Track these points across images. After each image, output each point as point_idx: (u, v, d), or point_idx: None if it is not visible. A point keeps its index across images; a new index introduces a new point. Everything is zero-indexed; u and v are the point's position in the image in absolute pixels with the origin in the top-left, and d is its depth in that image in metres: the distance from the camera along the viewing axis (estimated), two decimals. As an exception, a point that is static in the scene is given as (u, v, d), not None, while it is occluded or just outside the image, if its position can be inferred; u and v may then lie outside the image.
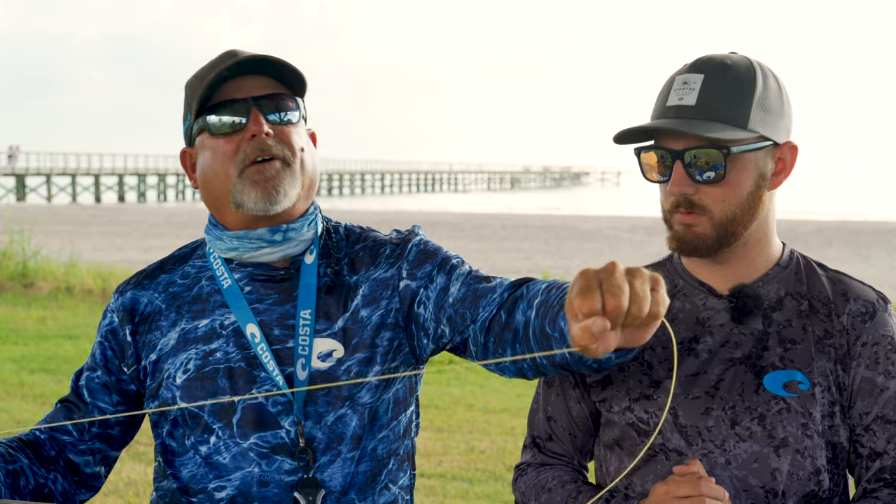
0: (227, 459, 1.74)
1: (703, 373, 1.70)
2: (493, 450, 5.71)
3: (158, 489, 1.85)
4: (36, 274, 12.05)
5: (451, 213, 36.29)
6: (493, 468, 5.35)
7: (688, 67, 1.67)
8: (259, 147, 1.72)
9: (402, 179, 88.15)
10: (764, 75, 1.66)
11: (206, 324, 1.78)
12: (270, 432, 1.72)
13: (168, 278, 1.85)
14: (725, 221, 1.65)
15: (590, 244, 21.04)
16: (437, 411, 6.56)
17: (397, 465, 1.83)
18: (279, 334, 1.75)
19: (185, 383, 1.75)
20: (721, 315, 1.72)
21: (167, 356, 1.78)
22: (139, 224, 26.92)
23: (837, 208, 45.55)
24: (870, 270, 15.77)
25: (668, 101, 1.66)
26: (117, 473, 5.16)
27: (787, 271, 1.75)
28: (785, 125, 1.68)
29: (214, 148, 1.75)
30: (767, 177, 1.67)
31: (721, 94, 1.62)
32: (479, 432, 6.11)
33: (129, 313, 1.83)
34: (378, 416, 1.78)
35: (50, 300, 11.20)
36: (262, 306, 1.77)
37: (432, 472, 5.26)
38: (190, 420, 1.76)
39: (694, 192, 1.65)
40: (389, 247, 1.83)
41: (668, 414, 1.70)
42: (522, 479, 1.86)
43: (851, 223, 30.70)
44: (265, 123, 1.72)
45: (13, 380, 7.33)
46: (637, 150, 1.71)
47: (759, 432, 1.66)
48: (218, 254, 1.82)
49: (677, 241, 1.69)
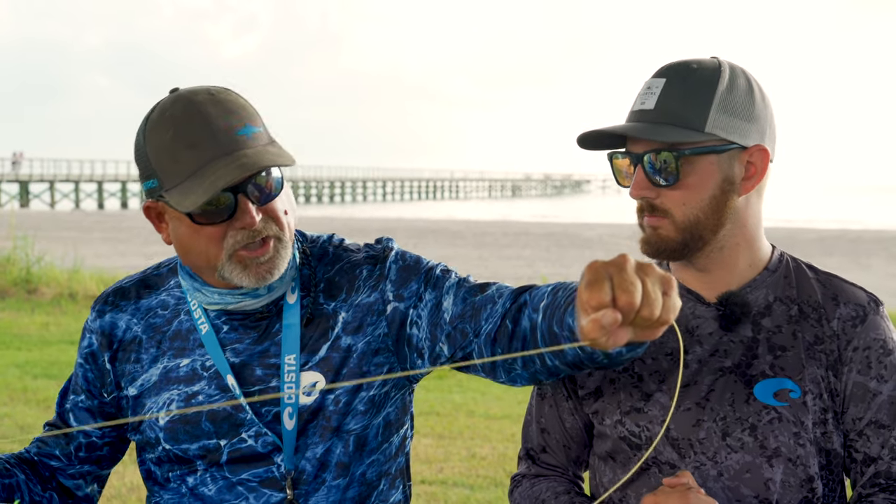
0: (212, 491, 1.72)
1: (694, 383, 1.68)
2: (495, 456, 5.70)
3: None
4: (39, 280, 12.04)
5: (453, 221, 36.28)
6: (495, 474, 5.34)
7: (654, 73, 1.67)
8: (250, 235, 1.61)
9: (404, 187, 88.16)
10: (732, 78, 1.64)
11: (186, 364, 1.73)
12: (263, 468, 1.70)
13: (147, 304, 1.79)
14: (688, 225, 1.64)
15: (590, 252, 21.03)
16: (439, 418, 6.55)
17: (388, 485, 1.80)
18: (261, 374, 1.71)
19: (169, 426, 1.72)
20: (709, 323, 1.70)
21: (149, 393, 1.75)
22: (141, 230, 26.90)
23: (837, 217, 45.51)
24: (870, 278, 15.76)
25: (633, 107, 1.67)
26: (120, 478, 5.16)
27: (775, 275, 1.72)
28: (757, 129, 1.64)
29: (196, 231, 1.62)
30: (735, 181, 1.64)
31: (679, 97, 1.62)
32: (480, 439, 6.10)
33: (107, 338, 1.79)
34: (367, 441, 1.74)
35: (53, 306, 11.19)
36: (241, 346, 1.72)
37: (433, 478, 5.25)
38: (175, 459, 1.73)
39: (655, 196, 1.64)
40: (366, 268, 1.75)
41: (660, 427, 1.68)
42: (518, 491, 1.85)
43: (851, 232, 30.68)
44: (254, 211, 1.60)
45: (16, 385, 7.32)
46: (609, 155, 1.72)
47: (750, 443, 1.64)
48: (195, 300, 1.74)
49: (645, 243, 1.68)
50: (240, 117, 1.61)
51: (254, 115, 1.64)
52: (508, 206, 65.41)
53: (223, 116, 1.59)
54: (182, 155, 1.57)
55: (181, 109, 1.59)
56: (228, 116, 1.59)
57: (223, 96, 1.62)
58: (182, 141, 1.57)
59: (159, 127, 1.60)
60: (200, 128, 1.57)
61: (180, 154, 1.57)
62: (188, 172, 1.57)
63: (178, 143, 1.58)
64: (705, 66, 1.64)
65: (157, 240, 23.41)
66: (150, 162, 1.62)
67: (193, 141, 1.57)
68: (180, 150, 1.57)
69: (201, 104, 1.59)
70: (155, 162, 1.61)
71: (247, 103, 1.66)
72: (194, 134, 1.57)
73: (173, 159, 1.58)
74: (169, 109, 1.61)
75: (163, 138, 1.59)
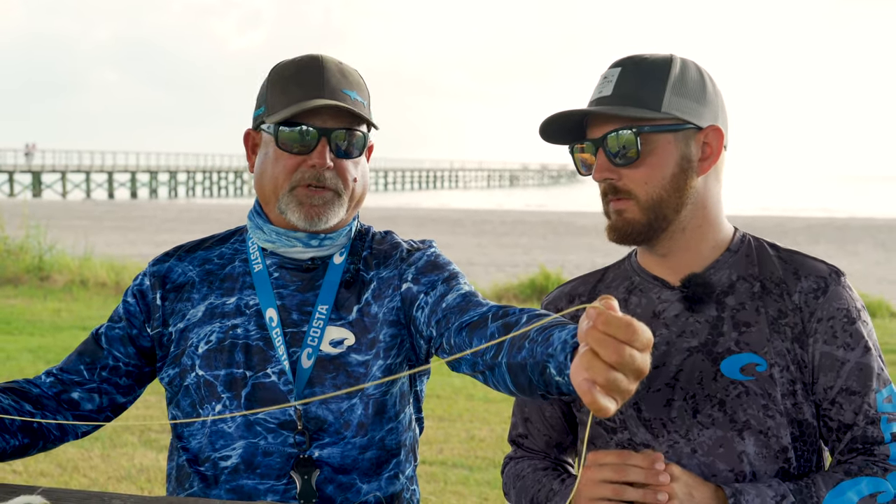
0: (232, 429, 1.78)
1: (663, 365, 1.69)
2: (493, 438, 5.71)
3: (170, 464, 1.89)
4: (51, 267, 12.04)
5: (452, 210, 36.28)
6: (493, 456, 5.35)
7: (609, 65, 1.71)
8: (316, 176, 1.76)
9: (405, 177, 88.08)
10: (683, 67, 1.68)
11: (232, 301, 1.84)
12: (280, 410, 1.77)
13: (205, 255, 1.91)
14: (652, 204, 1.66)
15: (586, 240, 21.03)
16: (439, 401, 6.56)
17: (405, 456, 1.86)
18: (296, 319, 1.81)
19: (206, 353, 1.81)
20: (675, 306, 1.71)
21: (193, 326, 1.84)
22: (151, 219, 26.92)
23: (825, 206, 45.49)
24: (856, 265, 15.76)
25: (591, 97, 1.71)
26: (130, 460, 5.16)
27: (737, 255, 1.73)
28: (710, 112, 1.68)
29: (277, 157, 1.78)
30: (693, 160, 1.67)
31: (634, 81, 1.66)
32: (479, 421, 6.10)
33: (161, 279, 1.88)
34: (386, 408, 1.81)
35: (65, 292, 11.19)
36: (285, 291, 1.83)
37: (434, 459, 5.26)
38: (203, 387, 1.80)
39: (618, 178, 1.67)
40: (400, 251, 1.87)
41: (632, 409, 1.70)
42: (505, 472, 1.91)
43: (838, 220, 30.67)
44: (329, 157, 1.76)
45: (30, 370, 7.32)
46: (570, 147, 1.75)
47: (720, 418, 1.65)
48: (255, 240, 1.86)
49: (611, 229, 1.71)
50: (351, 84, 1.80)
51: (364, 91, 1.83)
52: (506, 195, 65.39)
53: (338, 77, 1.78)
54: (292, 89, 1.77)
55: (308, 61, 1.80)
56: (342, 79, 1.79)
57: (347, 67, 1.83)
58: (296, 80, 1.77)
59: (286, 68, 1.81)
60: (316, 76, 1.77)
61: (291, 88, 1.77)
62: (290, 102, 1.75)
63: (293, 80, 1.78)
64: (658, 56, 1.69)
65: (167, 229, 23.41)
66: (265, 92, 1.82)
67: (305, 82, 1.76)
68: (292, 86, 1.77)
69: (326, 62, 1.79)
70: (269, 92, 1.81)
71: (364, 83, 1.85)
72: (309, 78, 1.77)
73: (284, 91, 1.78)
74: (299, 58, 1.82)
75: (283, 75, 1.80)
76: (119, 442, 5.52)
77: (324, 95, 1.74)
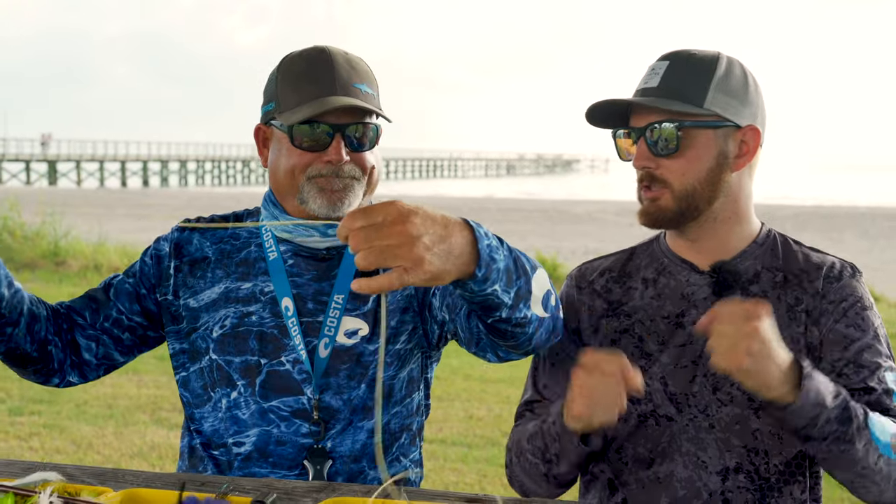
0: (246, 416, 1.75)
1: (690, 343, 1.71)
2: (491, 417, 5.72)
3: (183, 441, 1.87)
4: (66, 253, 12.03)
5: (451, 198, 36.22)
6: (491, 434, 5.37)
7: (658, 58, 1.72)
8: (334, 171, 1.72)
9: (406, 166, 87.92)
10: (729, 65, 1.69)
11: (248, 287, 1.80)
12: (293, 398, 1.74)
13: (221, 233, 1.86)
14: (685, 194, 1.67)
15: (580, 226, 21.02)
16: (438, 381, 6.56)
17: (409, 440, 1.85)
18: (312, 308, 1.78)
19: (220, 338, 1.78)
20: (703, 290, 1.74)
21: (207, 308, 1.80)
22: (162, 207, 26.87)
23: (812, 194, 45.41)
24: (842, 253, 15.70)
25: (638, 86, 1.71)
26: (142, 437, 5.17)
27: (763, 248, 1.76)
28: (750, 111, 1.69)
29: (290, 152, 1.74)
30: (730, 157, 1.69)
31: (681, 76, 1.67)
32: (476, 401, 6.12)
33: (177, 249, 1.85)
34: (393, 392, 1.79)
35: (79, 277, 11.19)
36: (300, 280, 1.79)
37: (433, 437, 5.28)
38: (217, 371, 1.77)
39: (656, 167, 1.68)
40: None
41: (659, 383, 1.72)
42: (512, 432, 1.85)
43: (825, 208, 30.64)
44: (344, 152, 1.71)
45: (45, 351, 7.33)
46: (613, 133, 1.76)
47: (738, 396, 1.67)
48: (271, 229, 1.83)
49: (643, 214, 1.71)
50: (360, 76, 1.75)
51: (373, 81, 1.78)
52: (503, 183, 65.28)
53: (348, 69, 1.73)
54: (303, 86, 1.71)
55: (317, 54, 1.74)
56: (352, 72, 1.73)
57: (354, 58, 1.77)
58: (307, 77, 1.72)
59: (295, 62, 1.75)
60: (326, 70, 1.71)
61: (302, 84, 1.72)
62: (303, 100, 1.70)
63: (304, 76, 1.72)
64: (706, 53, 1.70)
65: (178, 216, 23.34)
66: (276, 87, 1.76)
67: (317, 78, 1.71)
68: (303, 82, 1.72)
69: (335, 55, 1.74)
70: (280, 88, 1.75)
71: (371, 72, 1.79)
72: (320, 74, 1.71)
73: (295, 88, 1.72)
74: (307, 52, 1.76)
75: (293, 70, 1.74)
76: (131, 420, 5.54)
77: (336, 91, 1.70)
